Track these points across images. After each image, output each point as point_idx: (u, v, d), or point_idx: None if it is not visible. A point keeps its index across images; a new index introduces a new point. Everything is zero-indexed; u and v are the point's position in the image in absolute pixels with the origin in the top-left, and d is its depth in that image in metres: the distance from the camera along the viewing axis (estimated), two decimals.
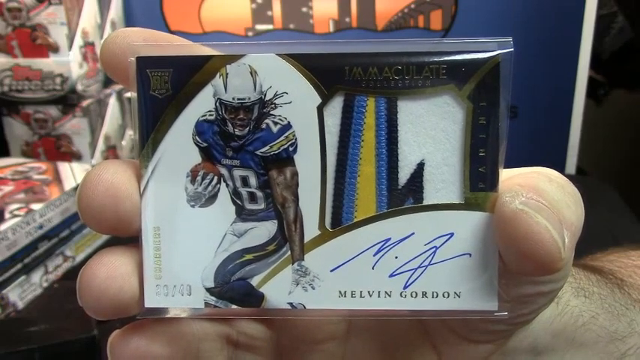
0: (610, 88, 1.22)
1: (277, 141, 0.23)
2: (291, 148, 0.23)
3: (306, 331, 0.27)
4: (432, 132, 0.23)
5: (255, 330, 0.27)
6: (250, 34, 1.02)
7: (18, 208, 0.67)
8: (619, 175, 1.24)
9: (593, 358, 0.30)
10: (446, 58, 0.23)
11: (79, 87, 0.88)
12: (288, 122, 0.23)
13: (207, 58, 0.23)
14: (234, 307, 0.24)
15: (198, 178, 0.23)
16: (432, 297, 0.23)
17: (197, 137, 0.23)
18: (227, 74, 0.23)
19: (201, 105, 0.23)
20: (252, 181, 0.23)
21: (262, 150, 0.23)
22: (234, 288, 0.24)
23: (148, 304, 0.23)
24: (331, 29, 1.01)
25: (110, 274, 0.23)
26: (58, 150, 0.90)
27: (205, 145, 0.23)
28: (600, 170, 1.29)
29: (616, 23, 1.10)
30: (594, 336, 0.30)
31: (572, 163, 1.01)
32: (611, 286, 0.32)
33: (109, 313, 0.23)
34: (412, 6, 0.99)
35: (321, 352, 0.27)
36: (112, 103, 0.97)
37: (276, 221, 0.23)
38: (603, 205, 0.85)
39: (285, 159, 0.23)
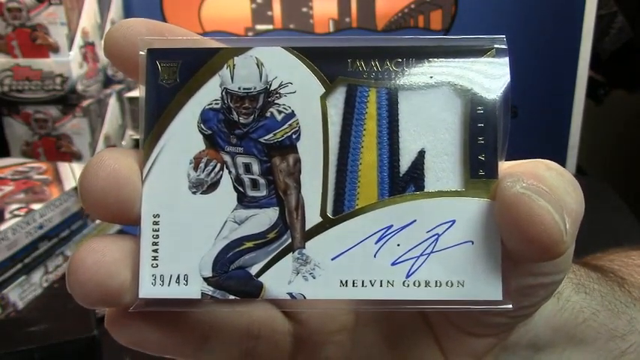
0: (610, 88, 1.22)
1: (281, 129, 0.23)
2: (294, 136, 0.23)
3: (322, 321, 0.27)
4: (431, 122, 0.24)
5: (277, 323, 0.26)
6: (250, 34, 1.02)
7: (18, 208, 0.67)
8: (619, 175, 1.24)
9: (592, 354, 0.30)
10: (445, 52, 0.24)
11: (79, 87, 0.89)
12: (292, 111, 0.23)
13: (216, 51, 0.24)
14: (231, 297, 0.23)
15: (201, 165, 0.23)
16: (436, 286, 0.23)
17: (202, 125, 0.23)
18: (234, 65, 0.24)
19: (208, 94, 0.24)
20: (255, 167, 0.23)
21: (266, 137, 0.23)
22: (232, 277, 0.23)
23: (142, 294, 0.23)
24: (331, 29, 1.01)
25: (97, 260, 0.22)
26: (58, 150, 0.91)
27: (210, 132, 0.24)
28: (600, 170, 1.29)
29: (616, 23, 1.10)
30: (594, 333, 0.30)
31: (572, 163, 1.02)
32: (611, 284, 0.32)
33: (97, 301, 0.23)
34: (412, 6, 0.99)
35: (333, 343, 0.27)
36: (112, 103, 0.97)
37: (277, 208, 0.23)
38: (603, 205, 0.85)
39: (288, 146, 0.23)
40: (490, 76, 0.23)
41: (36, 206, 0.68)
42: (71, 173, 0.79)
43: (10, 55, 0.87)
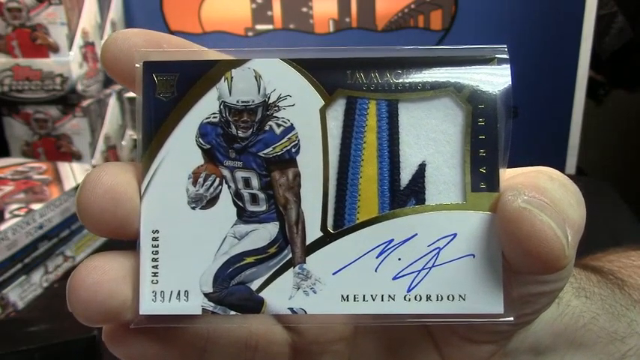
0: (610, 88, 1.22)
1: (280, 142, 0.23)
2: (293, 150, 0.23)
3: (320, 331, 0.27)
4: (432, 134, 0.23)
5: (276, 334, 0.26)
6: (250, 34, 1.02)
7: (18, 208, 0.67)
8: (619, 175, 1.24)
9: (592, 358, 0.30)
10: (445, 62, 0.23)
11: (79, 87, 0.89)
12: (291, 124, 0.23)
13: (213, 63, 0.23)
14: (232, 313, 0.23)
15: (200, 180, 0.23)
16: (437, 300, 0.23)
17: (200, 139, 0.23)
18: (232, 78, 0.23)
19: (206, 108, 0.23)
20: (255, 182, 0.23)
21: (265, 151, 0.23)
22: (233, 293, 0.23)
23: (143, 310, 0.23)
24: (331, 29, 1.01)
25: (99, 279, 0.22)
26: (58, 150, 0.91)
27: (208, 146, 0.23)
28: (600, 170, 1.29)
29: (616, 23, 1.10)
30: (594, 336, 0.30)
31: (572, 163, 1.02)
32: (611, 287, 0.32)
33: (99, 320, 0.23)
34: (412, 6, 0.99)
35: (332, 352, 0.27)
36: (112, 103, 0.97)
37: (277, 223, 0.23)
38: (603, 205, 0.85)
39: (288, 160, 0.23)
40: (491, 87, 0.23)
41: (36, 206, 0.68)
42: (71, 173, 0.79)
43: (10, 55, 0.87)
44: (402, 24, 1.00)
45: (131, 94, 1.00)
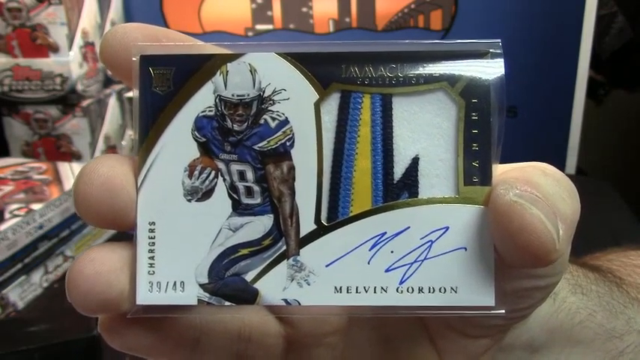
0: (610, 88, 1.22)
1: (275, 136, 0.23)
2: (288, 143, 0.23)
3: (315, 324, 0.27)
4: (426, 128, 0.24)
5: (269, 326, 0.27)
6: (250, 34, 1.02)
7: (18, 208, 0.67)
8: (619, 175, 1.24)
9: (590, 355, 0.30)
10: (438, 57, 0.23)
11: (79, 87, 0.89)
12: (286, 118, 0.23)
13: (209, 57, 0.24)
14: (227, 303, 0.23)
15: (196, 173, 0.23)
16: (429, 292, 0.23)
17: (196, 132, 0.23)
18: (227, 72, 0.23)
19: (201, 101, 0.24)
20: (249, 175, 0.23)
21: (260, 145, 0.23)
22: (228, 284, 0.23)
23: (139, 300, 0.23)
24: (331, 29, 1.01)
25: (97, 270, 0.22)
26: (58, 150, 0.91)
27: (204, 140, 0.24)
28: (600, 170, 1.29)
29: (616, 23, 1.10)
30: (591, 333, 0.30)
31: (572, 163, 1.02)
32: (609, 284, 0.32)
33: (98, 310, 0.23)
34: (412, 6, 0.99)
35: (325, 345, 0.27)
36: (112, 103, 0.97)
37: (272, 215, 0.23)
38: (603, 205, 0.85)
39: (283, 153, 0.23)
40: (485, 82, 0.23)
41: (36, 206, 0.68)
42: (71, 173, 0.80)
43: (10, 55, 0.87)
44: (402, 24, 1.00)
45: (131, 94, 1.00)
